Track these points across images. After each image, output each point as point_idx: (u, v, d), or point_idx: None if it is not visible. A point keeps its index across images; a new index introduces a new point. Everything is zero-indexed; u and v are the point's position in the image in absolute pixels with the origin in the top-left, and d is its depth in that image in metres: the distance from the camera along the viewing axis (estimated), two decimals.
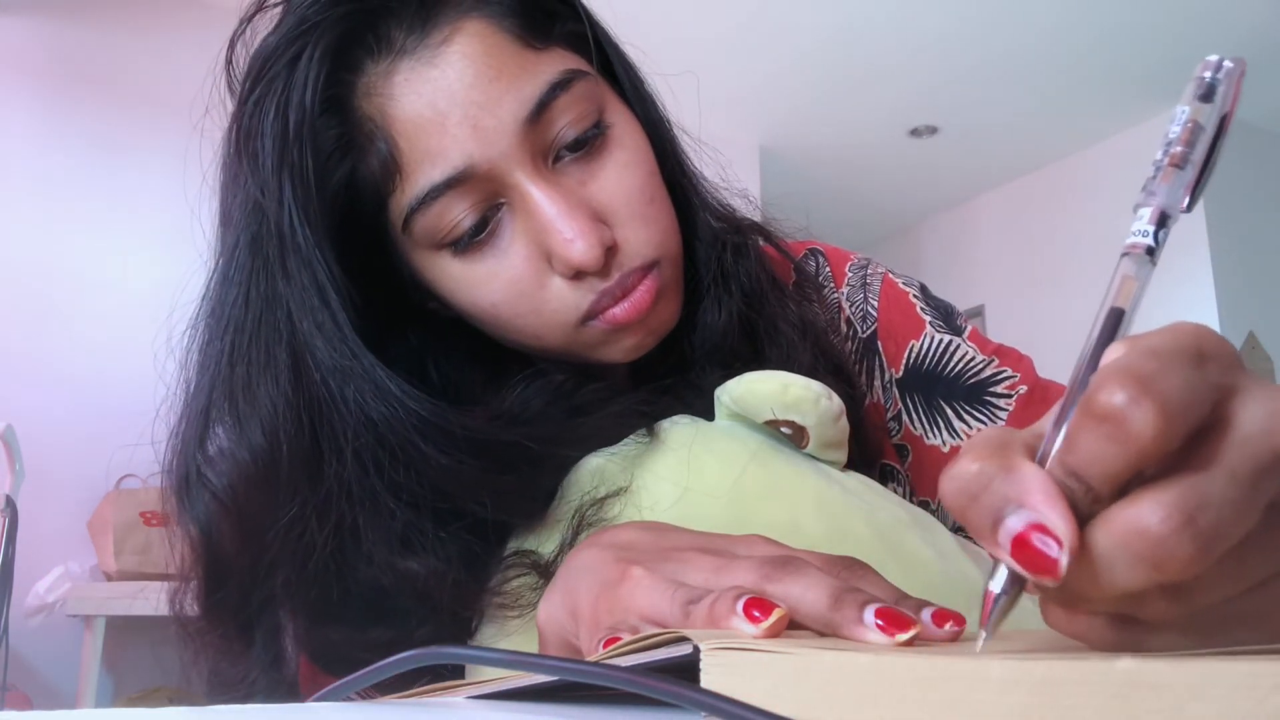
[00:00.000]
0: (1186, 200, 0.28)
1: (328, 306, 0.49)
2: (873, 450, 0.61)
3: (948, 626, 0.31)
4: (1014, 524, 0.24)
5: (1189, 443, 0.23)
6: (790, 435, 0.52)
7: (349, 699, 0.38)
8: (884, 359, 0.64)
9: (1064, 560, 0.23)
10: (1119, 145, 4.23)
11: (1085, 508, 0.24)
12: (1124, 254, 0.28)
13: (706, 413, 0.56)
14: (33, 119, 2.75)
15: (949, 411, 0.62)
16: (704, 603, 0.32)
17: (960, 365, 0.62)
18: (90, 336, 2.64)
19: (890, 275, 0.68)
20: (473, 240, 0.52)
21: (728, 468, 0.51)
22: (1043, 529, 0.23)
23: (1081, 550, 0.23)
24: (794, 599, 0.32)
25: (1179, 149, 0.28)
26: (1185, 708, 0.19)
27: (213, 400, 0.52)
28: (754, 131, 4.11)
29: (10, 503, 2.09)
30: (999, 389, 0.61)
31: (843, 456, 0.54)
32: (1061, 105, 4.00)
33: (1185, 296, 3.86)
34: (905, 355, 0.64)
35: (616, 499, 0.50)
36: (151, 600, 0.61)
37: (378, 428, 0.49)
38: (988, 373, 0.62)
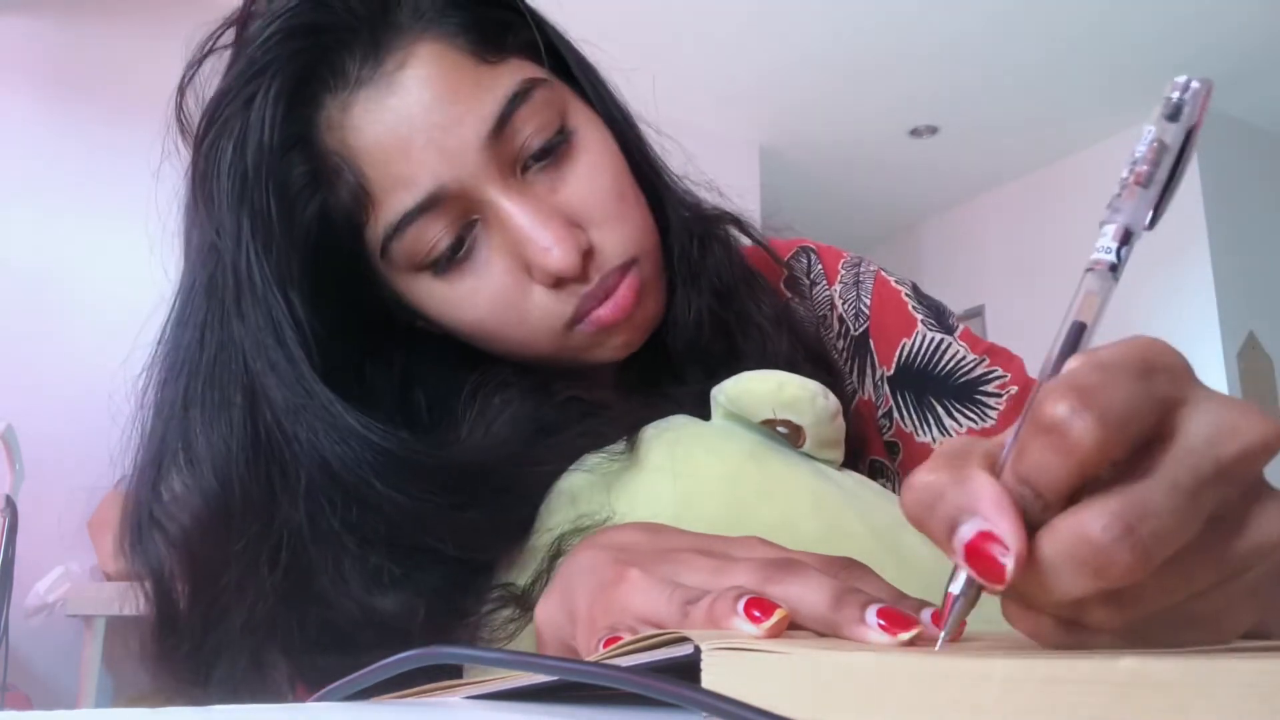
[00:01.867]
0: (1149, 218, 0.29)
1: (282, 345, 0.49)
2: (861, 447, 0.61)
3: None
4: (966, 532, 0.25)
5: (1136, 453, 0.25)
6: (786, 434, 0.52)
7: (348, 699, 0.37)
8: (875, 356, 0.65)
9: (1010, 566, 0.24)
10: (1119, 145, 4.23)
11: (1036, 515, 0.25)
12: (1088, 270, 0.29)
13: (695, 407, 0.56)
14: (32, 119, 2.75)
15: (939, 410, 0.62)
16: (703, 603, 0.32)
17: (951, 364, 0.63)
18: (90, 336, 2.63)
19: (883, 273, 0.68)
20: (452, 260, 0.52)
21: (724, 467, 0.51)
22: (992, 537, 0.24)
23: (1030, 557, 0.24)
24: (794, 599, 0.32)
25: (1144, 168, 0.29)
26: (1189, 707, 0.19)
27: (166, 444, 0.52)
28: (754, 130, 4.11)
29: (10, 503, 2.09)
30: (989, 388, 0.62)
31: (839, 455, 0.54)
32: (1061, 105, 4.00)
33: (1185, 296, 3.86)
34: (897, 353, 0.64)
35: (600, 518, 0.50)
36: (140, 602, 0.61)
37: (331, 467, 0.48)
38: (978, 372, 0.62)
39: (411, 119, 0.50)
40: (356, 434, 0.49)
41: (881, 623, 0.29)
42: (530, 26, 0.55)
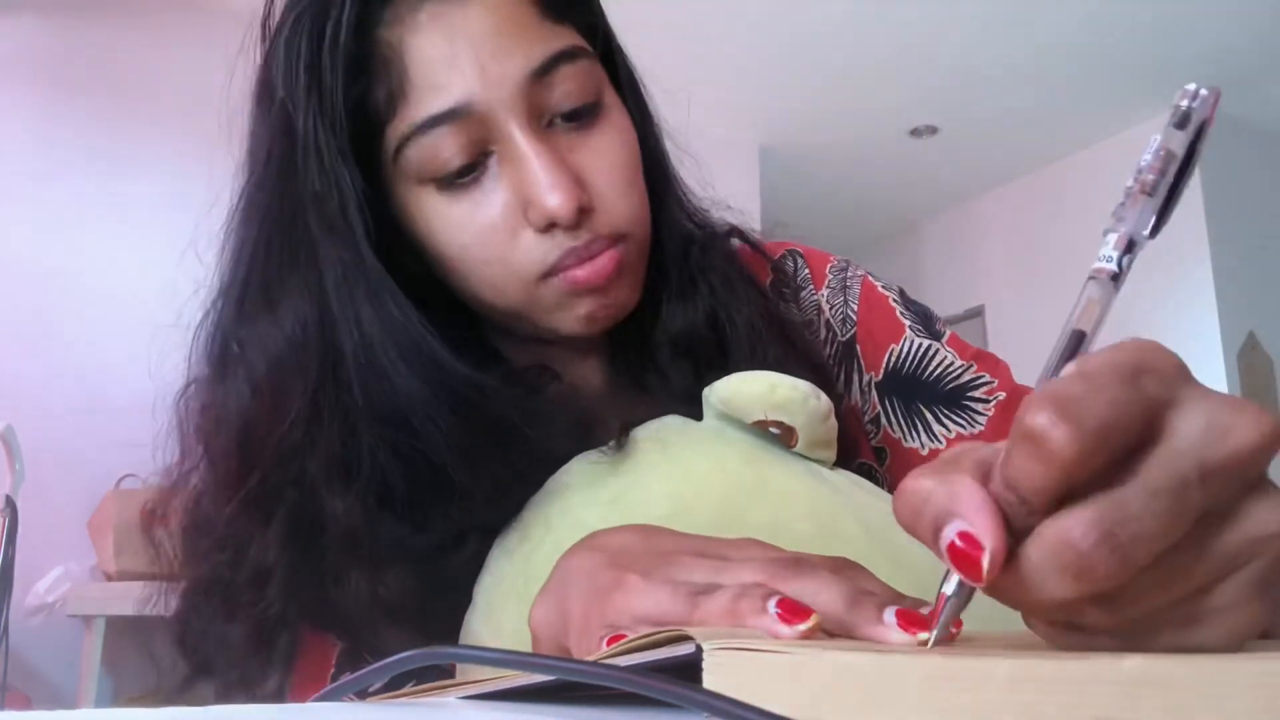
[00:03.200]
0: (1151, 226, 0.29)
1: (344, 212, 0.53)
2: (850, 450, 0.61)
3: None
4: (948, 533, 0.26)
5: (1127, 455, 0.25)
6: (779, 435, 0.52)
7: (348, 699, 0.37)
8: (862, 362, 0.65)
9: (985, 563, 0.25)
10: (1119, 145, 4.23)
11: (1021, 520, 0.25)
12: (1090, 278, 0.29)
13: (681, 411, 0.56)
14: (32, 119, 2.75)
15: (928, 415, 0.62)
16: (719, 596, 0.32)
17: (939, 370, 0.63)
18: (90, 337, 2.64)
19: (869, 278, 0.68)
20: (457, 180, 0.54)
21: (716, 468, 0.51)
22: (972, 537, 0.25)
23: (1015, 562, 0.25)
24: (806, 598, 0.32)
25: (1149, 176, 0.29)
26: (1192, 705, 0.19)
27: (249, 286, 0.56)
28: (754, 131, 4.11)
29: (10, 503, 2.09)
30: (977, 394, 0.62)
31: (832, 455, 0.54)
32: (1061, 105, 4.00)
33: (1185, 296, 3.86)
34: (885, 359, 0.64)
35: (601, 508, 0.51)
36: (142, 597, 0.61)
37: (369, 339, 0.53)
38: (966, 378, 0.63)
39: (468, 36, 0.53)
40: (393, 308, 0.53)
41: (900, 623, 0.30)
42: (592, 11, 0.60)
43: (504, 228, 0.55)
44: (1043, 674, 0.21)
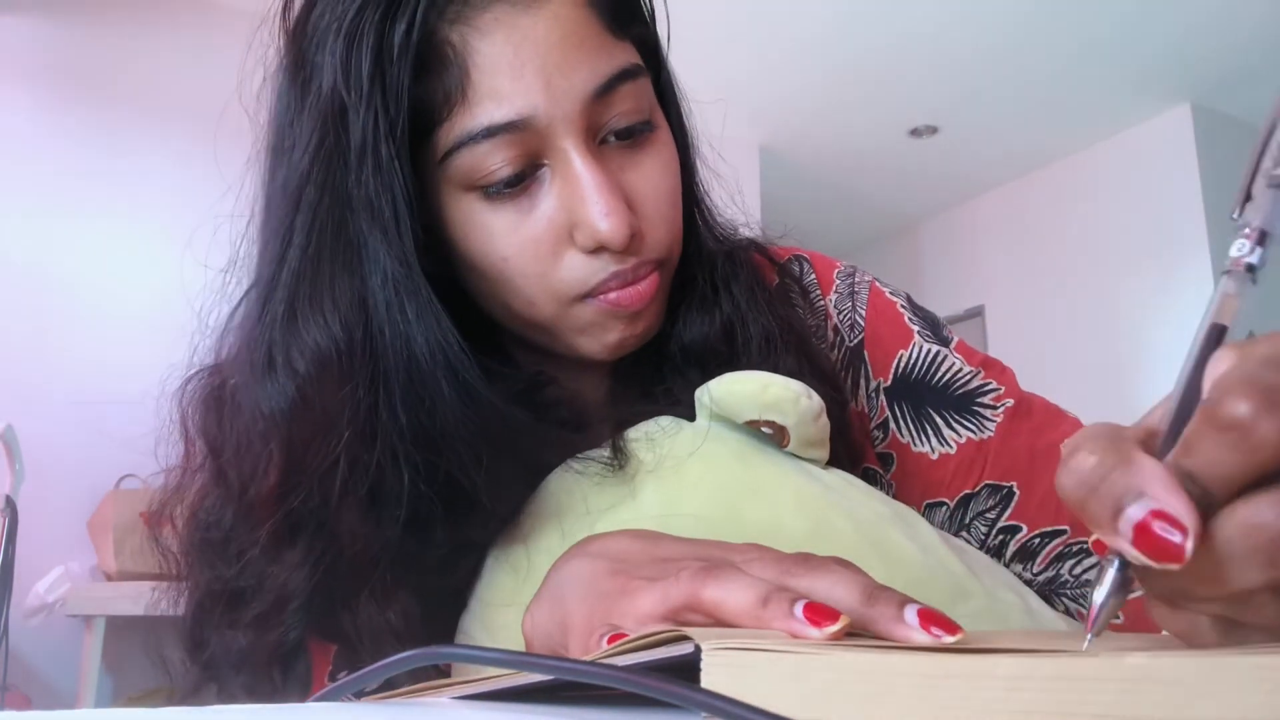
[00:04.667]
0: None
1: (397, 218, 0.50)
2: (857, 455, 0.62)
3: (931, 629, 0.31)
4: (1135, 512, 0.24)
5: None
6: (771, 434, 0.52)
7: (346, 698, 0.37)
8: (870, 368, 0.65)
9: (1189, 546, 0.23)
10: (1119, 145, 4.23)
11: (1199, 509, 0.24)
12: (1225, 272, 0.29)
13: (685, 418, 0.56)
14: (32, 119, 2.75)
15: (938, 420, 0.62)
16: (738, 588, 0.32)
17: (948, 375, 0.63)
18: (90, 337, 2.64)
19: (877, 284, 0.68)
20: (506, 189, 0.53)
21: (709, 468, 0.51)
22: (1165, 515, 0.24)
23: (1201, 544, 0.24)
24: (820, 595, 0.32)
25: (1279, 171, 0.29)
26: (1195, 703, 0.19)
27: (298, 289, 0.52)
28: (754, 131, 4.11)
29: (10, 503, 2.09)
30: (986, 399, 0.62)
31: (824, 454, 0.54)
32: (1061, 105, 4.00)
33: (1185, 296, 3.86)
34: (894, 364, 0.64)
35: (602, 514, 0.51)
36: (151, 600, 0.61)
37: (413, 349, 0.50)
38: (975, 383, 0.63)
39: (536, 45, 0.51)
40: (436, 327, 0.51)
41: (921, 621, 0.30)
42: (648, 26, 0.59)
43: (549, 244, 0.53)
44: (1044, 673, 0.21)
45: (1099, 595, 0.27)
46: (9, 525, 2.07)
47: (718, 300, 0.61)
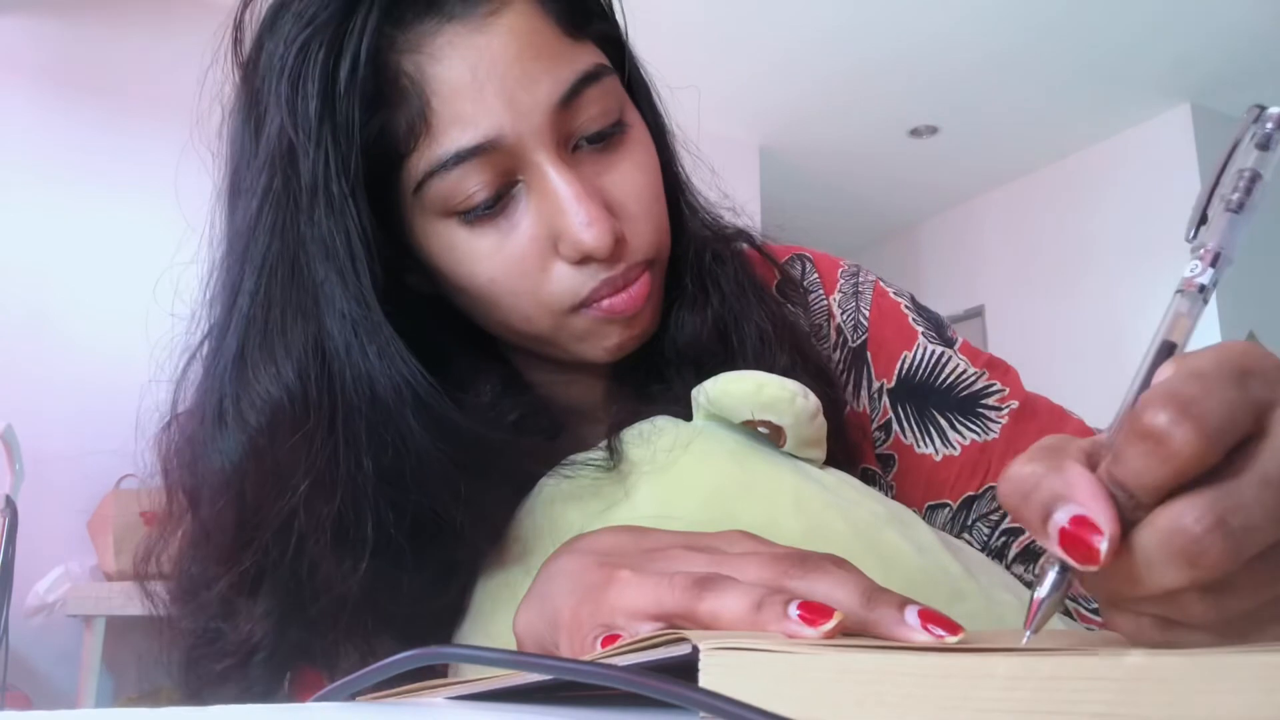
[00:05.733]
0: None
1: (352, 257, 0.49)
2: (854, 454, 0.61)
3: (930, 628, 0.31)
4: (1060, 517, 0.26)
5: (1229, 453, 0.26)
6: (768, 434, 0.52)
7: (348, 699, 0.37)
8: (873, 369, 0.65)
9: (1104, 548, 0.25)
10: (1119, 145, 4.22)
11: (1129, 514, 0.26)
12: (1178, 291, 0.30)
13: (682, 417, 0.56)
14: (32, 119, 2.75)
15: (942, 422, 0.62)
16: (732, 595, 0.32)
17: (953, 377, 0.63)
18: (90, 336, 2.64)
19: (881, 284, 0.68)
20: (484, 212, 0.52)
21: (705, 468, 0.51)
22: (1086, 520, 0.25)
23: (1125, 548, 0.26)
24: (821, 596, 0.32)
25: (1236, 196, 0.31)
26: (1193, 701, 0.19)
27: (248, 337, 0.51)
28: (753, 131, 4.11)
29: (10, 503, 2.09)
30: (990, 401, 0.62)
31: (821, 454, 0.54)
32: (1061, 105, 4.00)
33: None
34: (898, 365, 0.64)
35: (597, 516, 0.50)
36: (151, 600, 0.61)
37: (375, 389, 0.49)
38: (979, 385, 0.63)
39: (493, 64, 0.50)
40: (401, 365, 0.49)
41: (922, 622, 0.30)
42: (611, 22, 0.57)
43: (534, 260, 0.53)
44: (1043, 672, 0.21)
45: (1039, 594, 0.28)
46: (9, 525, 2.07)
47: (708, 299, 0.60)
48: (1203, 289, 0.30)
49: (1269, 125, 0.31)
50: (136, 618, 2.31)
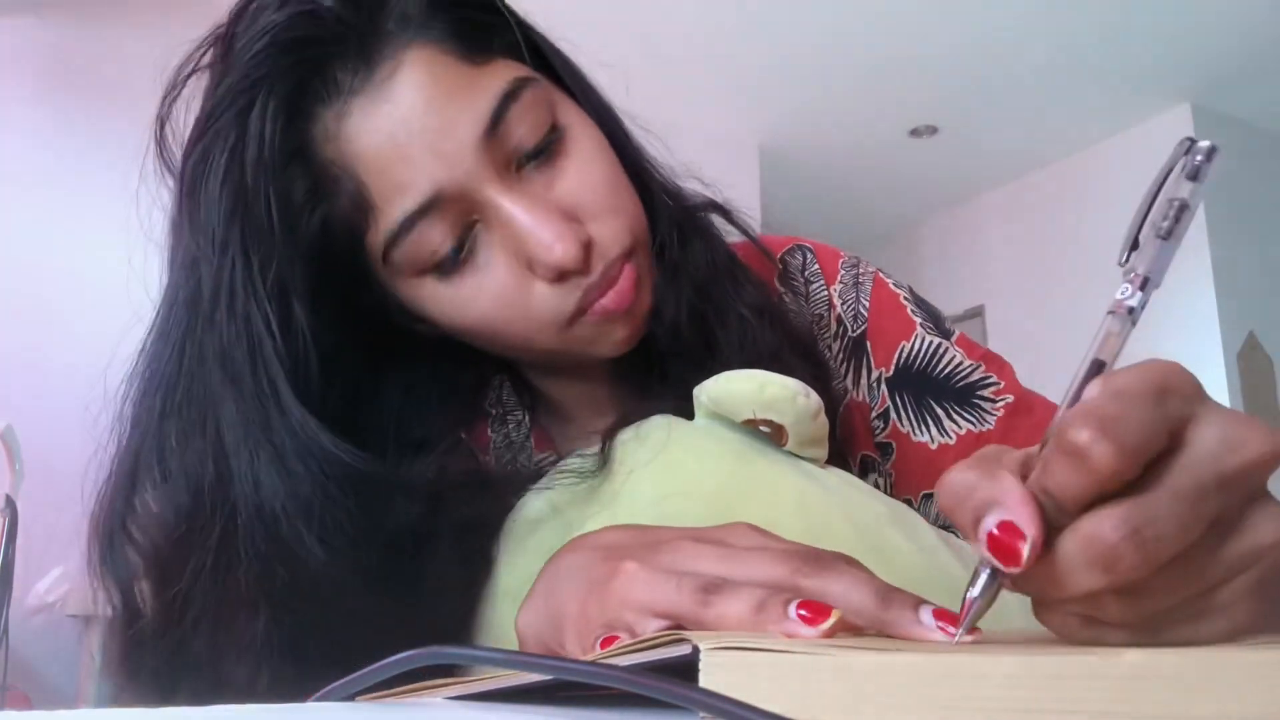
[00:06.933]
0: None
1: (252, 358, 0.49)
2: (847, 439, 0.62)
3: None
4: (989, 521, 0.28)
5: (1149, 465, 0.28)
6: (769, 433, 0.52)
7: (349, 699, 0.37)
8: (872, 358, 0.65)
9: (1025, 551, 0.27)
10: (1119, 145, 4.22)
11: (1055, 521, 0.28)
12: (1109, 312, 0.32)
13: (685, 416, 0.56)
14: (33, 119, 2.75)
15: (939, 411, 0.63)
16: (736, 600, 0.32)
17: (950, 367, 0.64)
18: (91, 336, 2.63)
19: (881, 275, 0.69)
20: (455, 262, 0.53)
21: (706, 467, 0.51)
22: (1011, 526, 0.27)
23: (1048, 554, 0.28)
24: (835, 597, 0.32)
25: (1166, 224, 0.33)
26: (1193, 699, 0.19)
27: (141, 457, 0.52)
28: (754, 131, 4.11)
29: (10, 503, 2.09)
30: (986, 393, 0.63)
31: (823, 453, 0.54)
32: (1062, 105, 4.00)
33: (1185, 296, 3.86)
34: (896, 355, 0.65)
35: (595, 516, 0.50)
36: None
37: (261, 500, 0.48)
38: (975, 377, 0.63)
39: (407, 124, 0.50)
40: (320, 453, 0.48)
41: (940, 624, 0.30)
42: (513, 28, 0.55)
43: (515, 290, 0.53)
44: (1042, 671, 0.21)
45: (971, 594, 0.30)
46: (9, 525, 2.07)
47: (678, 279, 0.60)
48: (1131, 311, 0.32)
49: (1198, 158, 0.33)
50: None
